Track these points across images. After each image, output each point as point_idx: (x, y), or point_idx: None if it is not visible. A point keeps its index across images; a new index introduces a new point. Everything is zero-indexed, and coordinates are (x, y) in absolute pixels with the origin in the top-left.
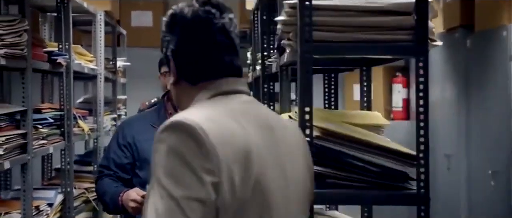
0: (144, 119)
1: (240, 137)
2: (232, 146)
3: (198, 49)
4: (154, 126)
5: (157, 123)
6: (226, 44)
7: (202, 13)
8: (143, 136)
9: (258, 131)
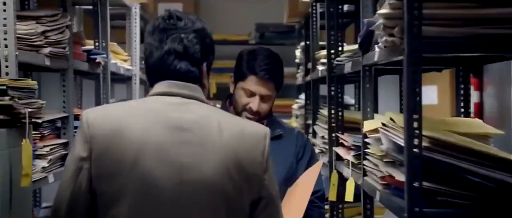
0: None
1: (130, 132)
2: (113, 139)
3: (149, 55)
4: None
5: None
6: (177, 52)
7: (160, 23)
8: None
9: (162, 130)
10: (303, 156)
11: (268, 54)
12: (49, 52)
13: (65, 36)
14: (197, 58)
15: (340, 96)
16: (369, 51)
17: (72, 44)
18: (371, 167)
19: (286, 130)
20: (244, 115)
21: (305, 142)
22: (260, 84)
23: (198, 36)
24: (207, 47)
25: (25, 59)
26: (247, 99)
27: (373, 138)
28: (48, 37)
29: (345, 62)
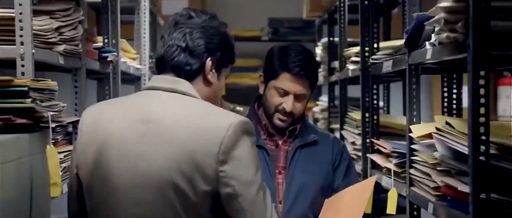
0: None
1: (104, 125)
2: (93, 133)
3: (159, 48)
4: None
5: None
6: (178, 45)
7: (174, 18)
8: None
9: (130, 123)
10: (340, 163)
11: (301, 50)
12: (63, 50)
13: (78, 32)
14: (198, 53)
15: (375, 98)
16: (418, 49)
17: (85, 42)
18: (420, 176)
19: (321, 135)
20: (277, 116)
21: (342, 148)
22: (294, 81)
23: (204, 32)
24: (215, 44)
25: (40, 57)
26: (279, 99)
27: (423, 144)
28: (62, 34)
29: (382, 60)
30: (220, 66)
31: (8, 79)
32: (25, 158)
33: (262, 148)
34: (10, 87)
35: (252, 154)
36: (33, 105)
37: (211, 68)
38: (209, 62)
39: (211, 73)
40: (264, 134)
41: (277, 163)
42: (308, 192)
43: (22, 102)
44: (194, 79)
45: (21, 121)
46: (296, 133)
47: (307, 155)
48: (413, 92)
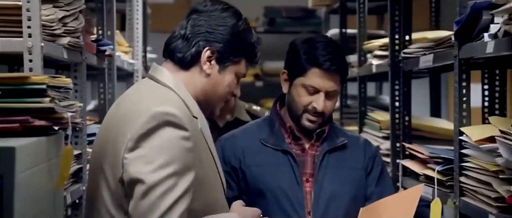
0: (250, 134)
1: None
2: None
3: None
4: (265, 144)
5: (270, 140)
6: (179, 31)
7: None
8: (253, 158)
9: (112, 108)
10: (372, 169)
11: (328, 42)
12: (67, 42)
13: (80, 23)
14: (193, 40)
15: (407, 97)
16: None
17: (85, 33)
18: (476, 186)
19: (351, 138)
20: (306, 117)
21: (375, 152)
22: (325, 77)
23: (208, 21)
24: (217, 34)
25: (48, 51)
26: (308, 98)
27: (484, 149)
28: (66, 25)
29: (418, 54)
30: (223, 59)
31: (24, 76)
32: (43, 164)
33: (287, 153)
34: (26, 85)
35: (169, 148)
36: (53, 106)
37: (209, 59)
38: (207, 52)
39: (208, 64)
40: (289, 138)
41: (304, 169)
42: (340, 201)
43: (40, 102)
44: (190, 68)
45: (40, 123)
46: (324, 135)
47: (336, 160)
48: (463, 90)
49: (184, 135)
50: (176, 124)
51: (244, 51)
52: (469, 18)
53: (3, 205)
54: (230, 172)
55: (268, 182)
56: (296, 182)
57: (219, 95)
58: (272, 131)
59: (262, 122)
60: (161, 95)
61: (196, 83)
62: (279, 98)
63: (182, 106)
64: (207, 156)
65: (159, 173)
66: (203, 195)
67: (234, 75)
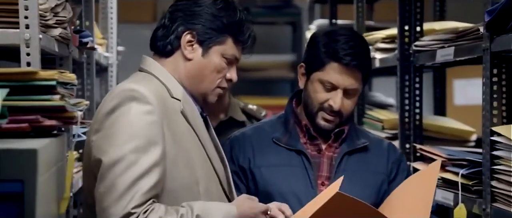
0: (262, 133)
1: None
2: None
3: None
4: (278, 143)
5: (283, 139)
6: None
7: None
8: (263, 157)
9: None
10: (396, 175)
11: (351, 35)
12: (59, 34)
13: (70, 13)
14: (171, 27)
15: (418, 94)
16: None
17: (70, 25)
18: (510, 190)
19: (373, 140)
20: (321, 116)
21: (400, 156)
22: (344, 73)
23: (184, 5)
24: (195, 16)
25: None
26: (325, 95)
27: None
28: (57, 15)
29: (434, 47)
30: (205, 41)
31: (32, 72)
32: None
33: (301, 154)
34: (34, 82)
35: (130, 122)
36: (64, 104)
37: (191, 43)
38: (187, 36)
39: (190, 48)
40: (304, 137)
41: (320, 172)
42: None
43: (49, 99)
44: (173, 55)
45: (50, 123)
46: (343, 136)
47: (356, 163)
48: (493, 87)
49: (146, 108)
50: (138, 99)
51: (228, 29)
52: (505, 8)
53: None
54: (238, 172)
55: (279, 185)
56: (310, 186)
57: (208, 80)
58: (286, 129)
59: (276, 120)
60: (136, 79)
61: (180, 70)
62: (296, 95)
63: (158, 87)
64: (188, 138)
65: (120, 150)
66: (179, 175)
67: (221, 57)
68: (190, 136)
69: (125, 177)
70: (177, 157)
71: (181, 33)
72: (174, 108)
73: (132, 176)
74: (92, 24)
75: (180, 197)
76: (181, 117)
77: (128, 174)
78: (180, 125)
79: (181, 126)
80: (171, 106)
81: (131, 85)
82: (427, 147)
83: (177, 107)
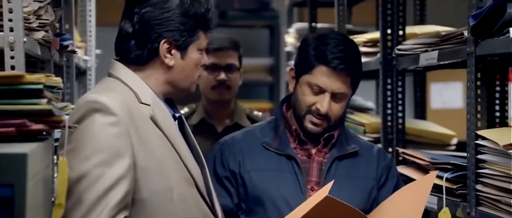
0: (252, 137)
1: None
2: None
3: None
4: (267, 148)
5: (273, 144)
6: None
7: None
8: (253, 162)
9: None
10: (386, 181)
11: (342, 40)
12: (42, 37)
13: (52, 16)
14: (144, 38)
15: (401, 97)
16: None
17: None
18: (497, 194)
19: (364, 146)
20: (308, 119)
21: (390, 162)
22: (332, 77)
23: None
24: (167, 24)
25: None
26: (313, 98)
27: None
28: (40, 17)
29: (418, 51)
30: (182, 44)
31: (19, 75)
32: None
33: (291, 159)
34: (21, 85)
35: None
36: (51, 108)
37: (169, 50)
38: (164, 45)
39: (169, 56)
40: (294, 142)
41: (309, 177)
42: None
43: (37, 103)
44: (149, 63)
45: (38, 127)
46: (333, 141)
47: (346, 168)
48: (478, 91)
49: (110, 120)
50: (101, 110)
51: (198, 25)
52: (490, 12)
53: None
54: (229, 178)
55: (268, 190)
56: (300, 191)
57: (190, 77)
58: (276, 134)
59: (267, 125)
60: (102, 87)
61: (158, 77)
62: (286, 99)
63: (124, 94)
64: (159, 144)
65: (84, 165)
66: (151, 183)
67: (197, 52)
68: (161, 141)
69: (91, 192)
70: (148, 165)
71: (158, 44)
72: (143, 114)
73: (99, 191)
74: (72, 27)
75: (153, 206)
76: (151, 122)
77: (94, 189)
78: (149, 131)
79: (151, 132)
80: (139, 113)
81: (94, 97)
82: (410, 151)
83: (146, 113)
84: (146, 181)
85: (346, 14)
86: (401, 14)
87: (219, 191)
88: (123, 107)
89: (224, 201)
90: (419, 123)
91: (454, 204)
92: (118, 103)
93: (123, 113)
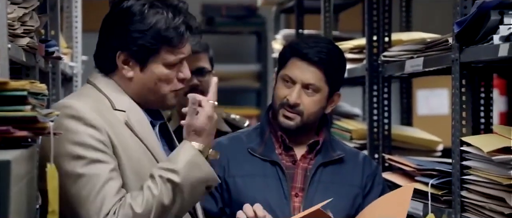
0: (237, 142)
1: None
2: None
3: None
4: (253, 154)
5: (258, 150)
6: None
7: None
8: (238, 168)
9: None
10: (371, 188)
11: (321, 38)
12: (26, 44)
13: (37, 22)
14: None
15: (387, 104)
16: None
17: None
18: (481, 200)
19: (349, 152)
20: (281, 113)
21: (375, 169)
22: (303, 68)
23: (113, 23)
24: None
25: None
26: (286, 91)
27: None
28: (25, 24)
29: (403, 58)
30: (140, 58)
31: (3, 82)
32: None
33: (276, 164)
34: (5, 92)
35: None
36: (36, 114)
37: (126, 62)
38: (120, 56)
39: (127, 67)
40: (280, 148)
41: (294, 183)
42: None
43: (21, 110)
44: (114, 73)
45: (22, 134)
46: (318, 147)
47: (331, 175)
48: (463, 97)
49: (85, 121)
50: (74, 115)
51: (158, 40)
52: (474, 19)
53: None
54: None
55: (253, 195)
56: (284, 196)
57: (156, 92)
58: (262, 139)
59: (253, 130)
60: (77, 93)
61: (125, 87)
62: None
63: (99, 100)
64: (134, 148)
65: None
66: (127, 182)
67: (162, 67)
68: (137, 146)
69: (87, 189)
70: (124, 164)
71: (114, 55)
72: (118, 120)
73: (95, 187)
74: (58, 33)
75: None
76: (126, 128)
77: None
78: (125, 136)
79: (126, 137)
80: (113, 118)
81: (69, 101)
82: (396, 157)
83: (121, 119)
84: (125, 181)
85: (333, 20)
86: (386, 20)
87: (207, 197)
88: (97, 111)
89: (208, 206)
90: (406, 129)
91: (440, 210)
92: (91, 108)
93: (97, 115)
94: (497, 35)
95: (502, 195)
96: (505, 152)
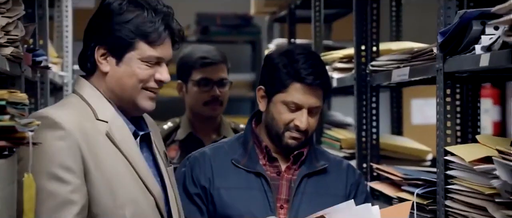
0: (221, 153)
1: None
2: None
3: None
4: (236, 165)
5: (242, 161)
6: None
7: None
8: (222, 179)
9: None
10: (355, 197)
11: (309, 54)
12: (10, 53)
13: (22, 31)
14: (84, 45)
15: (375, 113)
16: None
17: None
18: (465, 210)
19: (333, 162)
20: (289, 135)
21: (358, 178)
22: (307, 93)
23: (92, 20)
24: (100, 30)
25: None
26: (290, 115)
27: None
28: (9, 33)
29: (390, 67)
30: (115, 51)
31: None
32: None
33: (260, 176)
34: None
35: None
36: (14, 124)
37: (104, 57)
38: (98, 50)
39: (104, 62)
40: (264, 159)
41: (279, 194)
42: None
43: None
44: (95, 72)
45: (0, 144)
46: (303, 158)
47: (315, 185)
48: (447, 107)
49: (58, 134)
50: (50, 126)
51: (136, 33)
52: (457, 29)
53: None
54: (200, 194)
55: (238, 208)
56: (269, 209)
57: (128, 87)
58: (245, 150)
59: (235, 141)
60: (60, 102)
61: (102, 85)
62: (255, 115)
63: (80, 110)
64: (113, 160)
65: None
66: (101, 200)
67: (139, 62)
68: (117, 158)
69: (44, 208)
70: (97, 181)
71: (94, 49)
72: (98, 130)
73: (51, 208)
74: (47, 43)
75: None
76: (107, 139)
77: (46, 205)
78: (104, 148)
79: (106, 149)
80: (93, 129)
81: (47, 112)
82: (384, 167)
83: (102, 130)
84: (96, 196)
85: (324, 29)
86: (375, 30)
87: (189, 208)
88: (74, 123)
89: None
90: (395, 138)
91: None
92: (70, 119)
93: (73, 127)
94: (479, 45)
95: (484, 204)
96: (487, 161)
